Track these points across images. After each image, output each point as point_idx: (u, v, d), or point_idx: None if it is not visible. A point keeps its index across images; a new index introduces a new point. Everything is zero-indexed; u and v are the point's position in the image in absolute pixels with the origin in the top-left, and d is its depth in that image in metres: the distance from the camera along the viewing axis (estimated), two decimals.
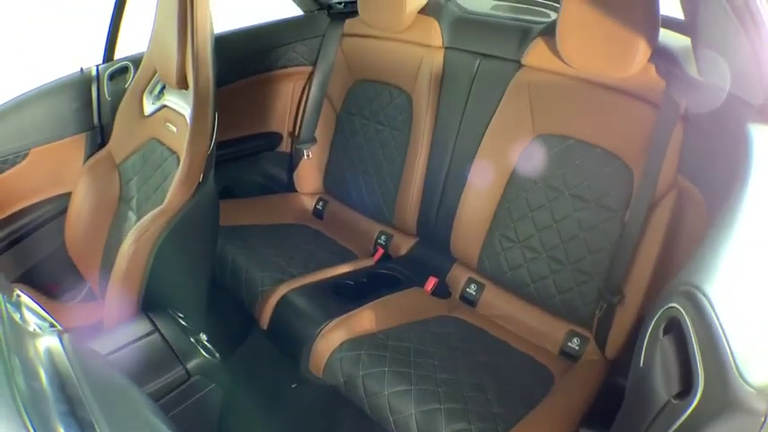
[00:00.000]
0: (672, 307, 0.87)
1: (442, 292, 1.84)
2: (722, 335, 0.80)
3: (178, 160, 1.56)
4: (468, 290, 1.83)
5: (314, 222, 2.22)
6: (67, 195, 1.93)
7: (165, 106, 1.71)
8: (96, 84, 1.99)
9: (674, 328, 0.87)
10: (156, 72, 1.72)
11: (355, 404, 1.48)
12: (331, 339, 1.56)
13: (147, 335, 1.41)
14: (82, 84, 1.98)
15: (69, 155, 1.98)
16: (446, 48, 1.92)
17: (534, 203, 1.66)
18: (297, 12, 2.36)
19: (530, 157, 1.69)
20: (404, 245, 1.99)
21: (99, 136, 2.00)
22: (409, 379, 1.48)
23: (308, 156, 2.24)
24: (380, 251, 2.01)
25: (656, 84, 1.45)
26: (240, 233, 2.02)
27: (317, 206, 2.27)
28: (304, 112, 2.26)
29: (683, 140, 1.43)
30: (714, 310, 0.81)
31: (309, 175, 2.28)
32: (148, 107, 1.79)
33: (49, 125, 1.94)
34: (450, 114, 1.88)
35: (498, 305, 1.76)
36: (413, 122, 1.96)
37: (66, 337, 0.85)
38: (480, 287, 1.82)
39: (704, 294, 0.83)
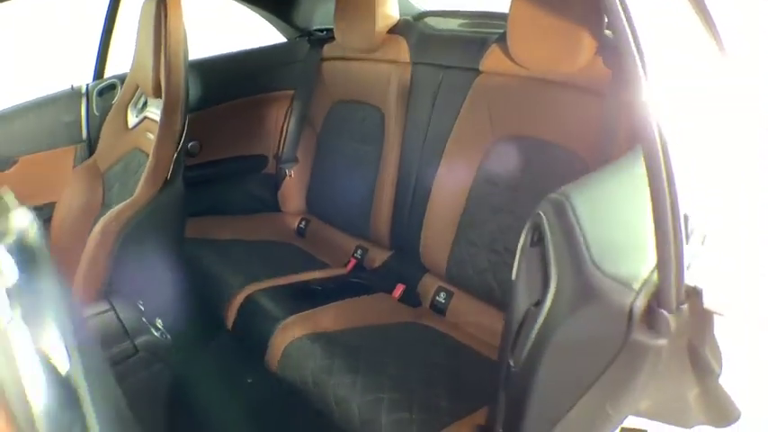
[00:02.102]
0: (537, 214, 0.94)
1: (411, 300, 1.91)
2: (578, 230, 0.88)
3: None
4: (437, 298, 1.91)
5: (296, 240, 2.34)
6: (54, 204, 2.13)
7: (146, 118, 1.96)
8: (86, 99, 2.20)
9: (541, 239, 0.97)
10: (138, 87, 2.00)
11: (306, 398, 1.53)
12: (288, 334, 1.64)
13: (102, 312, 1.54)
14: (72, 99, 2.19)
15: (58, 165, 2.18)
16: (413, 63, 2.06)
17: (497, 206, 1.72)
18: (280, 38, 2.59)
19: (490, 161, 1.77)
20: (378, 257, 2.09)
21: (87, 149, 2.21)
22: (356, 371, 1.53)
23: (290, 175, 2.39)
24: (353, 261, 2.12)
25: (603, 75, 1.52)
26: (219, 245, 2.16)
27: (300, 225, 2.41)
28: (287, 133, 2.43)
29: (630, 128, 1.48)
30: (574, 211, 0.90)
31: (293, 195, 2.43)
32: (132, 120, 2.06)
33: (39, 136, 2.14)
34: (417, 127, 2.00)
35: (466, 311, 1.81)
36: (384, 138, 2.09)
37: None
38: (449, 295, 1.88)
39: (566, 198, 0.90)
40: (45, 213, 2.12)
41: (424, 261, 1.92)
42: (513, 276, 1.01)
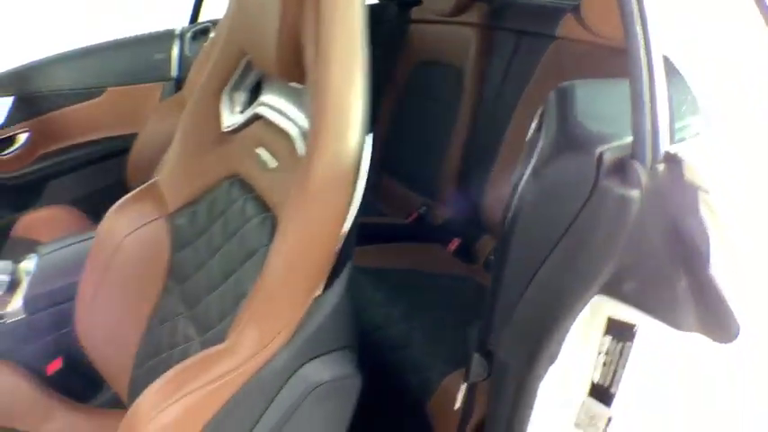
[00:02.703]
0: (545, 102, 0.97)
1: (466, 256, 1.97)
2: (572, 103, 0.90)
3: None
4: (491, 257, 1.96)
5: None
6: (135, 135, 2.29)
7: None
8: (179, 40, 2.37)
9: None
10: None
11: None
12: None
13: None
14: (166, 39, 2.37)
15: (144, 99, 2.37)
16: (491, 28, 2.20)
17: None
18: None
19: None
20: (441, 215, 2.16)
21: (174, 87, 2.38)
22: (395, 304, 1.65)
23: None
24: (415, 215, 2.18)
25: None
26: None
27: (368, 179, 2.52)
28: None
29: None
30: (573, 92, 0.91)
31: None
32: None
33: (130, 70, 2.34)
34: (492, 90, 2.09)
35: None
36: (460, 99, 2.17)
37: None
38: None
39: (572, 85, 0.93)
40: (127, 143, 2.29)
41: (484, 221, 1.97)
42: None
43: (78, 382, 1.66)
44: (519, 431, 0.89)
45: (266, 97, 1.09)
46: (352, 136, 0.79)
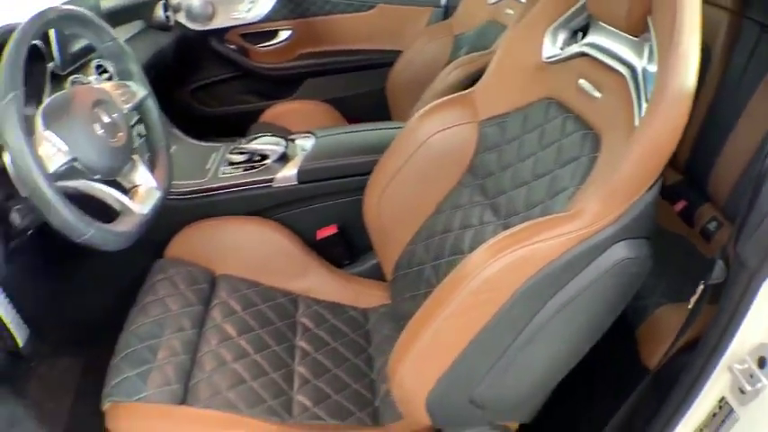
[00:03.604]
0: None
1: (686, 218, 2.18)
2: None
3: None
4: (708, 226, 2.13)
5: None
6: (397, 53, 2.63)
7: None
8: None
9: None
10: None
11: None
12: None
13: None
14: None
15: (411, 20, 2.69)
16: (741, 15, 2.28)
17: None
18: None
19: None
20: (671, 177, 2.37)
21: (442, 14, 2.69)
22: None
23: None
24: None
25: None
26: None
27: None
28: None
29: None
30: None
31: None
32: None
33: None
34: (735, 70, 2.24)
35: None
36: (705, 74, 2.34)
37: None
38: (719, 225, 2.02)
39: None
40: (387, 57, 2.64)
41: (710, 190, 2.17)
42: None
43: (341, 250, 1.97)
44: (735, 326, 1.02)
45: (594, 39, 1.28)
46: (689, 79, 1.03)
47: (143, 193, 1.53)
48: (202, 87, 3.14)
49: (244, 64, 3.12)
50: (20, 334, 2.08)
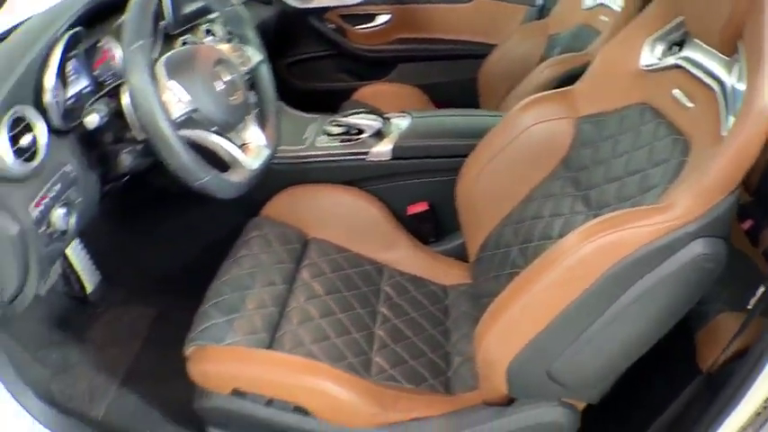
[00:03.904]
0: None
1: (752, 238, 2.24)
2: None
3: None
4: None
5: None
6: (490, 46, 2.74)
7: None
8: None
9: None
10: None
11: None
12: None
13: None
14: None
15: (507, 16, 2.80)
16: None
17: None
18: None
19: None
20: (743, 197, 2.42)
21: (537, 13, 2.80)
22: None
23: None
24: None
25: None
26: None
27: None
28: None
29: None
30: None
31: None
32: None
33: None
34: None
35: None
36: None
37: None
38: None
39: None
40: (481, 50, 2.75)
41: None
42: None
43: (429, 226, 2.06)
44: None
45: (689, 53, 1.37)
46: None
47: (254, 149, 1.66)
48: (298, 62, 3.27)
49: (341, 43, 3.25)
50: (90, 280, 2.23)
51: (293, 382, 1.51)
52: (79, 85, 1.51)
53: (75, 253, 2.28)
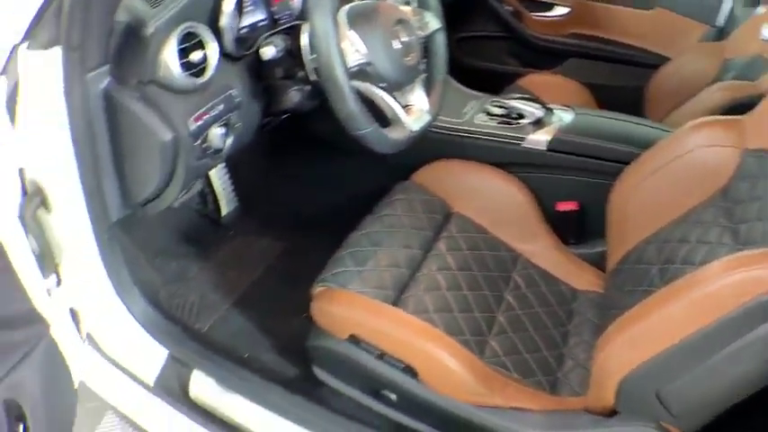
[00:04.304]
0: None
1: None
2: None
3: None
4: None
5: None
6: (663, 57, 2.74)
7: None
8: None
9: None
10: None
11: None
12: None
13: None
14: None
15: (685, 32, 2.94)
16: None
17: None
18: None
19: None
20: None
21: (717, 34, 2.75)
22: None
23: None
24: None
25: None
26: None
27: None
28: None
29: None
30: None
31: None
32: None
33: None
34: None
35: None
36: None
37: None
38: None
39: None
40: (654, 60, 2.74)
41: None
42: None
43: (573, 227, 2.07)
44: None
45: None
46: None
47: (416, 112, 1.71)
48: (468, 39, 3.31)
49: (515, 27, 3.27)
50: (227, 204, 2.34)
51: (411, 342, 1.57)
52: (254, 17, 1.61)
53: (219, 176, 2.41)
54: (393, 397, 1.63)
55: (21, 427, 1.38)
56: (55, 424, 1.45)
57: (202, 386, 1.71)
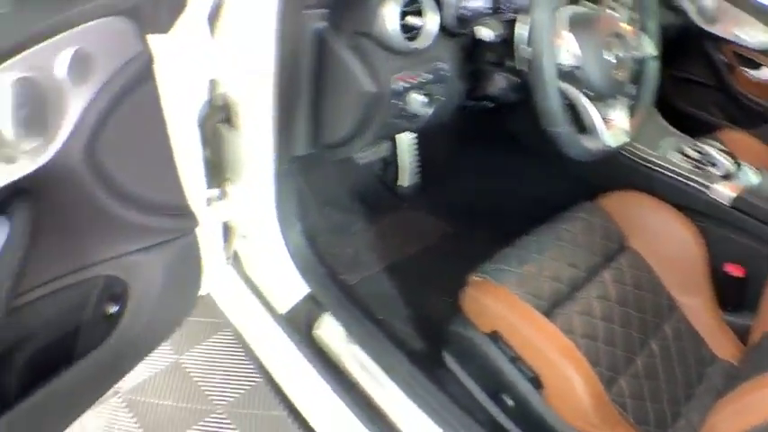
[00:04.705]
0: None
1: None
2: None
3: None
4: None
5: None
6: None
7: None
8: None
9: None
10: None
11: None
12: None
13: None
14: None
15: None
16: None
17: None
18: None
19: None
20: None
21: None
22: None
23: None
24: None
25: None
26: None
27: None
28: None
29: None
30: None
31: None
32: None
33: None
34: None
35: None
36: None
37: None
38: None
39: None
40: None
41: None
42: None
43: (733, 293, 2.00)
44: None
45: None
46: None
47: (615, 128, 1.69)
48: (679, 79, 3.22)
49: (725, 80, 3.15)
50: (408, 178, 2.37)
51: (550, 355, 1.57)
52: (478, 1, 1.66)
53: (408, 148, 2.45)
54: (510, 402, 1.62)
55: (112, 307, 1.44)
56: (157, 320, 1.51)
57: (329, 330, 1.74)
